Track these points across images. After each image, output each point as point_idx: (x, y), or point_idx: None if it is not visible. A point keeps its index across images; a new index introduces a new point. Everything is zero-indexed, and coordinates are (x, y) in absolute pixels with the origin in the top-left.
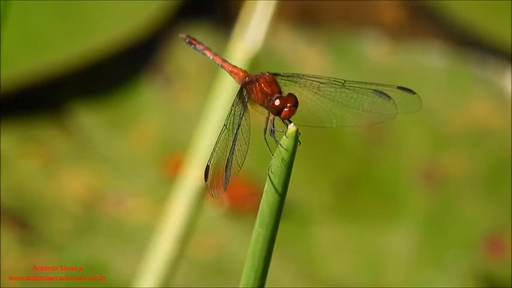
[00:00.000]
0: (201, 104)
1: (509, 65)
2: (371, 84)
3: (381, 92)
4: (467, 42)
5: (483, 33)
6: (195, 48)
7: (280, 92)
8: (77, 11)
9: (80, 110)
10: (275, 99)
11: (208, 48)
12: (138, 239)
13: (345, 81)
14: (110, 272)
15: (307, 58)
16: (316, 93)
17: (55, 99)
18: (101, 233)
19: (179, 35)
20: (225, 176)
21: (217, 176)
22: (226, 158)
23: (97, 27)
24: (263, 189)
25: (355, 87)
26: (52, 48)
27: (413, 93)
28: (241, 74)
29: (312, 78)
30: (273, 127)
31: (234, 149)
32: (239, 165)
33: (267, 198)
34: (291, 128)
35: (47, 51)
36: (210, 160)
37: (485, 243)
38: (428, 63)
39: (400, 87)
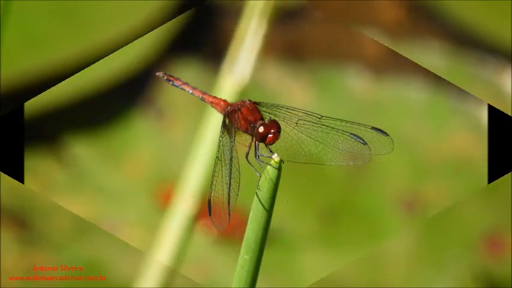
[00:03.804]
0: (192, 134)
1: (509, 65)
2: (346, 122)
3: (358, 137)
4: (467, 42)
5: (483, 33)
6: (173, 84)
7: (262, 119)
8: (77, 11)
9: (75, 141)
10: (259, 126)
11: (186, 83)
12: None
13: (321, 116)
14: (110, 272)
15: (293, 91)
16: (294, 128)
17: (51, 132)
18: (101, 232)
19: (156, 73)
20: (228, 208)
21: (219, 209)
22: (226, 191)
23: (97, 27)
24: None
25: (332, 127)
26: (52, 48)
27: (387, 135)
28: (222, 103)
29: (290, 111)
30: (258, 152)
31: (230, 180)
32: (236, 194)
33: (252, 225)
34: (275, 158)
35: (46, 51)
36: (210, 194)
37: (484, 243)
38: (410, 95)
39: (374, 128)
